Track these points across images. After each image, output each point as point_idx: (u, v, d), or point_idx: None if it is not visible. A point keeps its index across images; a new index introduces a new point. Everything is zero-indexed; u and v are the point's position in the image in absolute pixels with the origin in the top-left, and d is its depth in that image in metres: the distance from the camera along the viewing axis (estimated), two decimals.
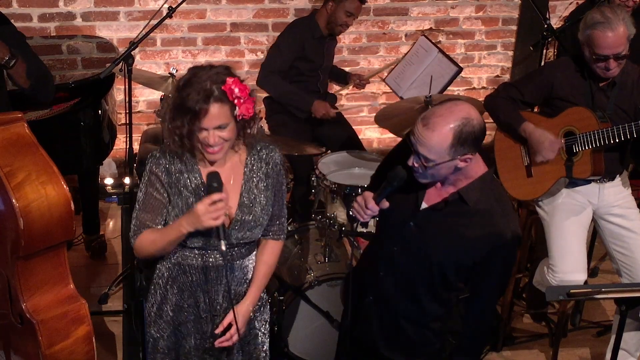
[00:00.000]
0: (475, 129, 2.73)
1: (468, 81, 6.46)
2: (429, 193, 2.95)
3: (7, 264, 3.47)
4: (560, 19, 6.09)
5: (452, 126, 2.70)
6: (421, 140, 2.73)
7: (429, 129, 2.71)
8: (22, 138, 3.47)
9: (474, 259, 2.91)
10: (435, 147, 2.71)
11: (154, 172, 2.95)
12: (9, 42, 3.64)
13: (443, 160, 2.74)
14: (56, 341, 3.47)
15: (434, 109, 2.77)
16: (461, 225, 2.90)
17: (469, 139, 2.72)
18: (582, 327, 4.83)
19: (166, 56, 6.00)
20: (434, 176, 2.83)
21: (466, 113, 2.73)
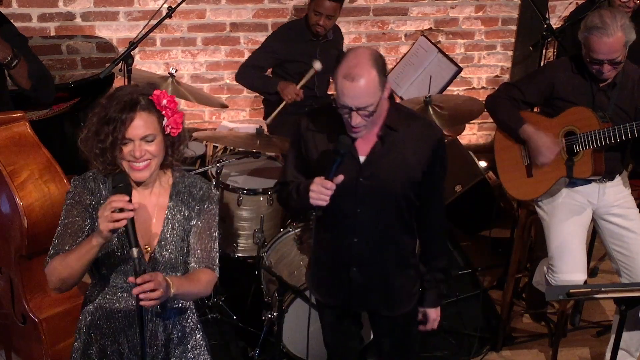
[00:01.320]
0: (379, 54, 2.96)
1: (468, 81, 6.46)
2: (359, 144, 3.08)
3: (11, 263, 3.49)
4: (560, 19, 6.10)
5: (371, 64, 2.88)
6: (356, 94, 2.88)
7: (357, 80, 2.86)
8: (24, 137, 3.49)
9: (422, 170, 3.11)
10: (370, 90, 2.88)
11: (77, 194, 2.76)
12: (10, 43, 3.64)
13: (378, 97, 2.91)
14: (59, 339, 3.49)
15: (344, 65, 2.91)
16: (401, 151, 3.08)
17: (383, 64, 2.94)
18: (581, 327, 4.84)
19: (166, 56, 6.01)
20: (375, 119, 2.99)
21: (367, 49, 2.97)
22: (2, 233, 3.48)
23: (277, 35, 5.34)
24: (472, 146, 6.53)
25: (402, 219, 3.22)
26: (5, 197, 3.39)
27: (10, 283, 3.53)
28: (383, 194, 3.12)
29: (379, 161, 3.08)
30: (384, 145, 3.07)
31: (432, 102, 4.56)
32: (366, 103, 2.88)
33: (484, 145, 6.64)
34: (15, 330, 3.64)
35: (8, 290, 3.55)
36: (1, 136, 3.44)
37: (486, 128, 6.64)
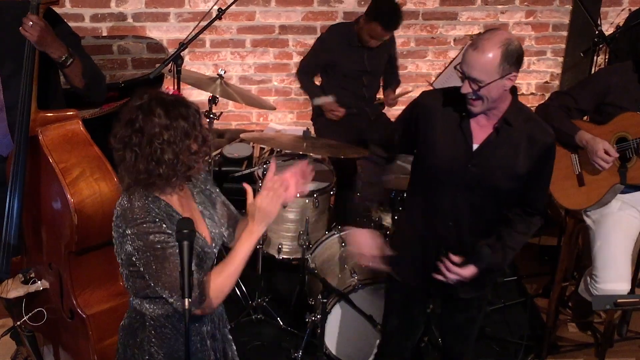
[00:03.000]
0: (518, 47, 3.04)
1: (517, 87, 6.38)
2: (475, 132, 3.20)
3: (60, 259, 3.53)
4: (611, 26, 6.02)
5: (499, 45, 2.99)
6: (473, 63, 3.01)
7: (479, 51, 3.00)
8: (77, 135, 3.53)
9: (528, 168, 3.19)
10: (486, 66, 2.99)
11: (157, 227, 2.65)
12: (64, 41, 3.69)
13: (493, 79, 3.00)
14: (106, 336, 3.51)
15: (480, 36, 3.07)
16: (513, 146, 3.16)
17: (514, 56, 3.01)
18: (629, 337, 4.77)
19: (215, 57, 6.05)
20: (486, 99, 3.06)
21: (508, 35, 3.07)
22: (53, 229, 3.54)
23: (323, 39, 5.38)
24: None
25: (498, 209, 3.31)
26: (56, 194, 3.44)
27: (60, 279, 3.58)
28: (487, 184, 3.20)
29: (490, 151, 3.18)
30: (498, 137, 3.16)
31: None
32: (477, 75, 2.99)
33: None
34: (63, 325, 3.68)
35: (57, 285, 3.60)
36: (54, 134, 3.50)
37: None
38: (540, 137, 3.17)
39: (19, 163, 3.47)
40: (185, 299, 2.45)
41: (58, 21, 3.79)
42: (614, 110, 3.97)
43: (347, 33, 5.28)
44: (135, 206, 2.66)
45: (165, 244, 2.62)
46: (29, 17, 3.46)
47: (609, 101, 3.98)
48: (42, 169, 3.50)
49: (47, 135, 3.48)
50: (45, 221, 3.59)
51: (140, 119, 2.59)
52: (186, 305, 2.44)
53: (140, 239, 2.63)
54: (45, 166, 3.46)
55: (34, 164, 3.52)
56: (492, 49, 2.98)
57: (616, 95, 3.96)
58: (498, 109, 3.13)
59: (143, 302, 2.82)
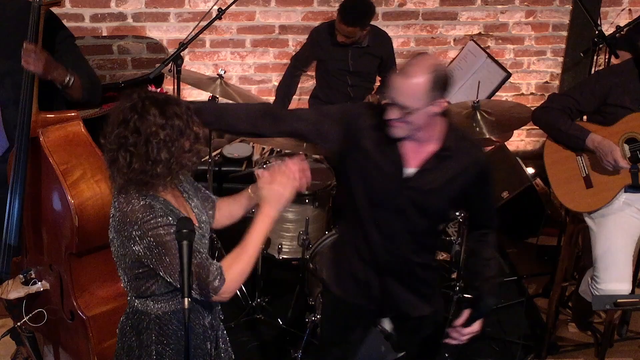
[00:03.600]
0: (447, 74, 2.93)
1: (517, 87, 6.42)
2: (409, 156, 3.08)
3: (61, 261, 3.53)
4: (611, 25, 6.02)
5: (428, 71, 2.86)
6: (399, 88, 2.89)
7: (406, 76, 2.88)
8: (77, 136, 3.53)
9: (463, 191, 3.11)
10: (413, 92, 2.87)
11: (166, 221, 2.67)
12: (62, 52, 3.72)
13: (421, 106, 2.88)
14: (106, 337, 3.52)
15: (408, 62, 2.93)
16: (448, 170, 3.07)
17: (441, 82, 2.90)
18: (629, 337, 4.78)
19: (215, 57, 6.05)
20: (411, 125, 2.95)
21: (436, 61, 2.96)
22: (54, 231, 3.54)
23: (314, 33, 5.44)
24: (519, 152, 6.49)
25: (434, 229, 3.27)
26: (57, 196, 3.44)
27: (60, 280, 3.58)
28: (423, 207, 3.11)
29: (426, 177, 3.08)
30: (435, 163, 3.06)
31: (480, 107, 4.53)
32: (404, 102, 2.88)
33: (531, 151, 6.59)
34: (63, 326, 3.68)
35: (57, 287, 3.60)
36: (55, 135, 3.50)
37: (534, 134, 6.58)
38: (476, 157, 3.12)
39: (20, 164, 3.48)
40: (185, 298, 2.45)
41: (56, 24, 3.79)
42: (615, 110, 3.96)
43: (328, 30, 5.30)
44: (136, 206, 2.65)
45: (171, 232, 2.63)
46: (30, 49, 3.45)
47: (610, 102, 3.98)
48: (42, 170, 3.50)
49: (48, 137, 3.48)
50: (45, 222, 3.59)
51: (135, 119, 2.59)
52: (186, 305, 2.44)
53: (150, 237, 2.62)
54: (46, 167, 3.46)
55: (34, 166, 3.53)
56: (421, 74, 2.86)
57: (618, 95, 3.96)
58: (427, 134, 3.02)
59: (147, 301, 2.82)
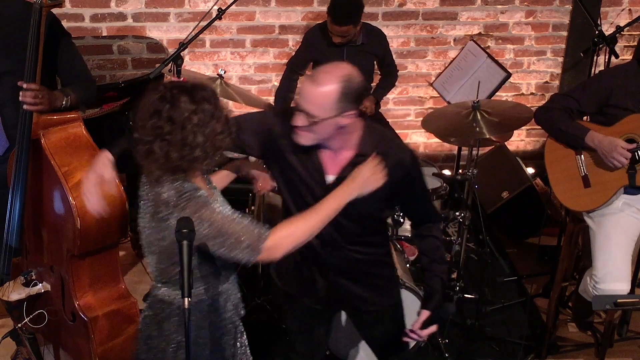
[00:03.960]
0: (359, 85, 2.84)
1: (517, 87, 6.42)
2: (327, 164, 3.03)
3: (62, 262, 3.54)
4: (611, 25, 6.02)
5: (337, 81, 2.79)
6: (308, 96, 2.82)
7: (316, 84, 2.81)
8: (79, 138, 3.55)
9: (391, 192, 3.04)
10: (320, 101, 2.80)
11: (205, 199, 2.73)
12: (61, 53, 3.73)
13: (328, 116, 2.82)
14: (108, 338, 3.53)
15: (319, 68, 2.87)
16: None
17: (352, 94, 2.82)
18: (629, 337, 4.78)
19: (215, 57, 6.05)
20: (318, 135, 2.89)
21: (349, 71, 2.85)
22: (55, 232, 3.54)
23: (309, 34, 5.44)
24: (519, 152, 6.49)
25: (368, 230, 3.20)
26: (59, 198, 3.45)
27: (61, 281, 3.58)
28: (348, 212, 2.99)
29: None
30: (351, 170, 2.96)
31: (480, 107, 4.53)
32: (310, 110, 2.82)
33: (532, 151, 6.59)
34: (64, 327, 3.69)
35: (59, 288, 3.61)
36: (57, 137, 3.50)
37: (534, 134, 6.59)
38: (397, 159, 3.01)
39: (21, 166, 3.48)
40: (185, 298, 2.48)
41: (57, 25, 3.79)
42: (617, 111, 3.97)
43: (323, 30, 5.31)
44: (171, 193, 2.71)
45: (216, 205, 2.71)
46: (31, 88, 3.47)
47: (612, 103, 3.98)
48: (44, 172, 3.51)
49: (49, 139, 3.49)
50: (47, 224, 3.59)
51: (167, 108, 2.63)
52: (186, 305, 2.47)
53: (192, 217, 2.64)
54: (48, 169, 3.47)
55: (36, 167, 3.53)
56: (330, 83, 2.79)
57: (619, 96, 3.96)
58: (340, 142, 2.97)
59: (173, 290, 2.86)
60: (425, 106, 6.38)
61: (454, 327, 4.74)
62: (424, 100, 6.39)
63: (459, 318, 4.82)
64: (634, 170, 3.95)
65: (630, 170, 3.95)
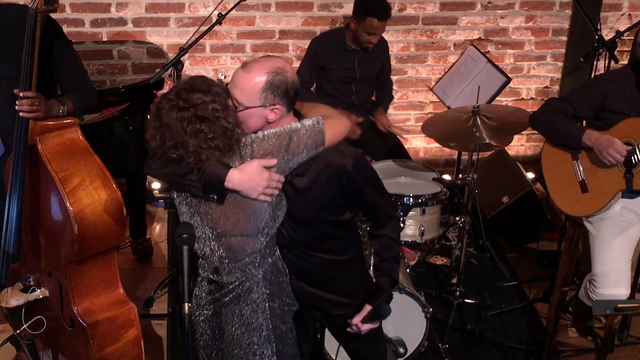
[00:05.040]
0: (288, 80, 2.89)
1: (517, 92, 6.42)
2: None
3: (60, 268, 3.54)
4: (611, 30, 6.02)
5: (266, 72, 2.86)
6: (237, 81, 2.89)
7: (246, 71, 2.88)
8: (75, 144, 3.54)
9: (332, 196, 3.04)
10: (248, 89, 2.86)
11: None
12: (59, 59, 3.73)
13: (253, 104, 2.87)
14: (107, 344, 3.53)
15: (255, 59, 2.94)
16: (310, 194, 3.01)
17: (281, 88, 2.88)
18: (629, 342, 4.75)
19: (215, 62, 6.05)
20: (245, 125, 2.92)
21: (283, 65, 2.92)
22: (53, 238, 3.54)
23: (312, 47, 5.40)
24: (519, 157, 6.49)
25: (321, 234, 3.16)
26: (56, 203, 3.44)
27: (60, 287, 3.58)
28: (292, 217, 3.08)
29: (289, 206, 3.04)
30: (293, 192, 3.01)
31: (480, 112, 4.53)
32: (237, 96, 2.87)
33: (532, 156, 6.59)
34: (63, 333, 3.68)
35: (57, 294, 3.60)
36: (53, 142, 3.50)
37: (534, 139, 6.59)
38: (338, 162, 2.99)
39: (18, 172, 3.47)
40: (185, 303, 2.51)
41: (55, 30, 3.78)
42: (613, 116, 3.97)
43: (338, 38, 5.30)
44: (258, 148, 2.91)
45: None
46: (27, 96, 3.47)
47: (608, 107, 3.98)
48: (41, 178, 3.50)
49: (46, 144, 3.48)
50: (44, 230, 3.59)
51: (192, 113, 2.78)
52: (186, 310, 2.51)
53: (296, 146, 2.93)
54: (45, 175, 3.46)
55: (32, 173, 3.53)
56: (258, 72, 2.86)
57: (615, 101, 3.96)
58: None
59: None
60: (425, 111, 6.38)
61: (454, 332, 4.74)
62: (424, 105, 6.39)
63: (459, 323, 4.81)
64: (631, 175, 3.95)
65: (627, 174, 3.95)
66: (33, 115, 3.47)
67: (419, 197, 4.60)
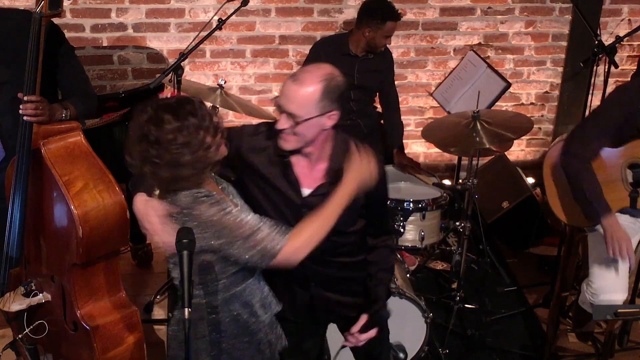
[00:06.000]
0: (340, 84, 2.88)
1: (516, 97, 6.42)
2: (302, 176, 3.04)
3: (63, 272, 3.54)
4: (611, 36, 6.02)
5: (319, 80, 2.83)
6: (291, 96, 2.84)
7: (298, 83, 2.84)
8: (79, 147, 3.55)
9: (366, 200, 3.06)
10: (304, 101, 2.82)
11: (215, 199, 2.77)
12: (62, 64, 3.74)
13: (311, 115, 2.84)
14: (110, 347, 3.53)
15: (301, 69, 2.93)
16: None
17: (335, 93, 2.86)
18: (629, 347, 4.76)
19: (215, 67, 6.05)
20: (302, 137, 2.90)
21: (331, 70, 2.89)
22: (56, 242, 3.54)
23: (321, 44, 5.41)
24: (520, 162, 6.49)
25: (345, 238, 3.17)
26: (60, 207, 3.44)
27: (62, 291, 3.58)
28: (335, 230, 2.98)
29: (323, 197, 2.98)
30: (327, 182, 3.01)
31: (480, 117, 4.53)
32: (294, 110, 2.84)
33: (532, 161, 6.59)
34: (66, 337, 3.68)
35: (59, 298, 3.60)
36: (57, 146, 3.50)
37: (534, 144, 6.60)
38: None
39: (21, 176, 3.48)
40: (185, 308, 2.49)
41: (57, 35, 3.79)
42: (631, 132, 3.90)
43: (339, 42, 5.31)
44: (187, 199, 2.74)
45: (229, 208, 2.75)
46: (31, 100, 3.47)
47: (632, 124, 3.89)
48: (44, 181, 3.50)
49: (49, 148, 3.49)
50: (47, 233, 3.59)
51: (152, 131, 2.64)
52: (186, 315, 2.49)
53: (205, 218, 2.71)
54: (48, 179, 3.47)
55: (36, 177, 3.53)
56: (313, 82, 2.82)
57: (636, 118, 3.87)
58: (320, 150, 3.00)
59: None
60: (425, 116, 6.39)
61: (454, 337, 4.73)
62: (424, 110, 6.39)
63: (460, 328, 4.81)
64: (636, 194, 3.92)
65: (633, 193, 3.93)
66: (37, 119, 3.47)
67: (419, 202, 4.61)
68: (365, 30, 5.16)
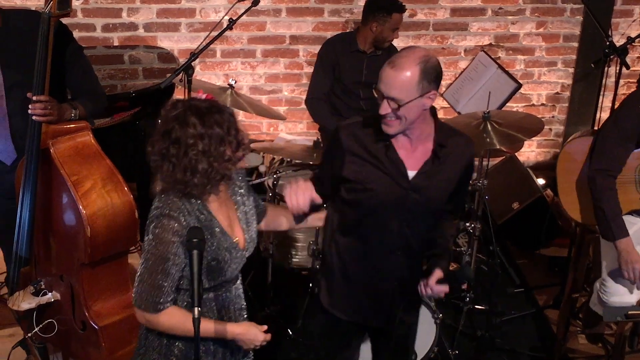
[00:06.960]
0: (436, 64, 2.96)
1: (527, 97, 6.41)
2: (406, 158, 3.10)
3: (72, 271, 3.55)
4: (622, 36, 6.01)
5: (417, 62, 2.90)
6: (391, 82, 2.92)
7: (397, 69, 2.91)
8: (87, 147, 3.55)
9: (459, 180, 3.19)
10: (404, 84, 2.90)
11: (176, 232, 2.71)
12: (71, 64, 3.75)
13: (412, 97, 2.91)
14: (118, 347, 3.54)
15: (397, 54, 2.98)
16: (448, 167, 3.13)
17: (433, 73, 2.94)
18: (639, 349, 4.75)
19: (225, 67, 6.06)
20: (405, 118, 2.97)
21: (426, 52, 2.97)
22: (65, 241, 3.55)
23: (324, 55, 5.39)
24: (530, 163, 6.48)
25: (434, 219, 3.25)
26: (69, 206, 3.46)
27: (71, 290, 3.59)
28: (430, 208, 3.15)
29: (429, 177, 3.10)
30: (434, 162, 3.10)
31: (491, 117, 4.53)
32: (396, 95, 2.91)
33: (542, 162, 6.58)
34: (75, 336, 3.69)
35: (68, 297, 3.61)
36: (65, 146, 3.52)
37: (545, 145, 6.58)
38: (467, 150, 3.19)
39: (30, 175, 3.49)
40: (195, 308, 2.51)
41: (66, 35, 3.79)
42: None
43: (348, 39, 5.32)
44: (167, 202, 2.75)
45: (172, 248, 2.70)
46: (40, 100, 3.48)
47: None
48: (53, 181, 3.51)
49: (58, 148, 3.50)
50: (56, 233, 3.60)
51: (176, 130, 2.64)
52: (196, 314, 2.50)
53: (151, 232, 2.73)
54: (57, 179, 3.48)
55: (45, 177, 3.54)
56: (411, 66, 2.89)
57: None
58: (419, 130, 3.06)
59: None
60: None
61: (464, 338, 4.73)
62: None
63: (469, 329, 4.80)
64: None
65: None
66: (46, 119, 3.48)
67: None
68: (372, 25, 5.17)
